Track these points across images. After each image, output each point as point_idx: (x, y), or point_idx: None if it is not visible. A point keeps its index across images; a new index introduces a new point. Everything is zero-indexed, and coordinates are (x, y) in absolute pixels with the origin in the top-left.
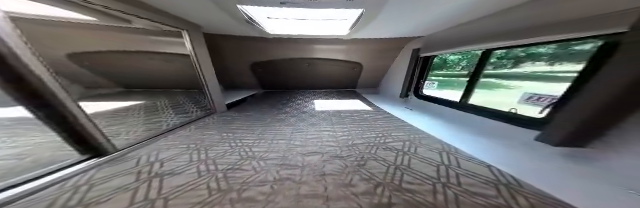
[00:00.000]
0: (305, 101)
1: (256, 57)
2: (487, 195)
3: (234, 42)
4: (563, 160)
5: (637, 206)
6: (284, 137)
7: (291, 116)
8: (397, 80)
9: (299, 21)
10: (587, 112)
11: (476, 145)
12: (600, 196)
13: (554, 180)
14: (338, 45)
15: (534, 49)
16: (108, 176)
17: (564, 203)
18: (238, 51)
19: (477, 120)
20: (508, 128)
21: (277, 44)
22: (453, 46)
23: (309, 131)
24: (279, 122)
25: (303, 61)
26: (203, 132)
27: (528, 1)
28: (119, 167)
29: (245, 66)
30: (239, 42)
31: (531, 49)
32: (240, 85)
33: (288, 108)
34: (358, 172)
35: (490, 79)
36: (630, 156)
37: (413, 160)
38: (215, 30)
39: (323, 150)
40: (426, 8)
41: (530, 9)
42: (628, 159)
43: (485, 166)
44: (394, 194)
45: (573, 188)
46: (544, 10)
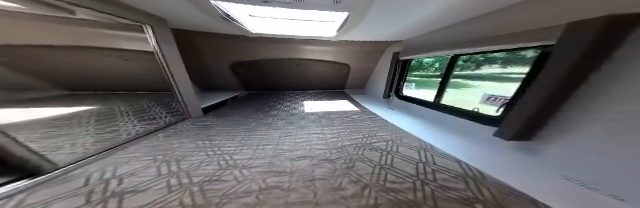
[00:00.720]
0: (295, 103)
1: (237, 56)
2: (458, 189)
3: (213, 39)
4: (515, 152)
5: (567, 189)
6: (271, 142)
7: (279, 119)
8: (380, 81)
9: (287, 21)
10: (529, 110)
11: (448, 142)
12: (541, 182)
13: (508, 171)
14: (327, 46)
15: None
16: (47, 200)
17: (516, 191)
18: (218, 49)
19: (449, 118)
20: (473, 126)
21: (264, 43)
22: (427, 51)
23: (298, 134)
24: (265, 126)
25: (292, 62)
26: (174, 141)
27: (482, 15)
28: (61, 188)
29: (225, 65)
30: (218, 40)
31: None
32: (222, 86)
33: (276, 111)
34: (347, 174)
35: (458, 79)
36: (558, 147)
37: (395, 159)
38: (188, 26)
39: (313, 154)
40: (404, 14)
41: (483, 22)
42: (557, 149)
43: (455, 161)
44: (379, 195)
45: (522, 177)
46: (493, 23)
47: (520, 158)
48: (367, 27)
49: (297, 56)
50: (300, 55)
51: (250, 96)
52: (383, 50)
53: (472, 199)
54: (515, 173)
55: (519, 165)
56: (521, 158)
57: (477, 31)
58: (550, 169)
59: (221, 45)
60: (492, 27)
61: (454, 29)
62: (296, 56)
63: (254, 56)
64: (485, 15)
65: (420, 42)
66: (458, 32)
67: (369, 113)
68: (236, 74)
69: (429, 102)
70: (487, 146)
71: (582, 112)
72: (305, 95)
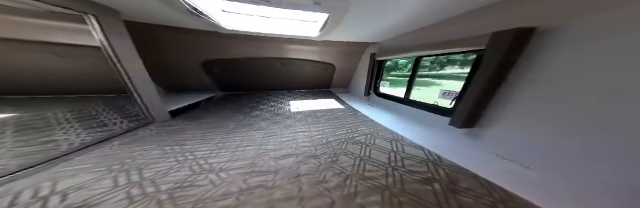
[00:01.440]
0: (281, 103)
1: (210, 54)
2: (421, 171)
3: (179, 35)
4: (464, 138)
5: (497, 164)
6: (254, 143)
7: (263, 119)
8: (362, 80)
9: (267, 19)
10: (471, 102)
11: (415, 132)
12: (480, 160)
13: (459, 153)
14: (312, 46)
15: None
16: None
17: (463, 169)
18: (186, 46)
19: (416, 112)
20: (435, 117)
21: (244, 41)
22: (397, 53)
23: (284, 134)
24: (247, 127)
25: (277, 61)
26: (134, 148)
27: (437, 22)
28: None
29: (195, 64)
30: (186, 35)
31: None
32: (194, 87)
33: (258, 111)
34: (331, 168)
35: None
36: (491, 132)
37: (373, 151)
38: (147, 18)
39: (298, 151)
40: (377, 19)
41: (438, 29)
42: (490, 134)
43: (420, 148)
44: (359, 183)
45: (468, 157)
46: (444, 30)
47: (468, 142)
48: (347, 28)
49: (282, 55)
50: (285, 54)
51: (228, 97)
52: (363, 51)
53: (431, 179)
54: (464, 155)
55: (467, 148)
56: (469, 142)
57: (433, 36)
58: (487, 149)
59: (190, 41)
60: (444, 33)
61: (417, 34)
62: (281, 55)
63: (231, 54)
64: (440, 23)
65: (391, 44)
66: (420, 37)
67: (352, 110)
68: (210, 73)
69: (401, 98)
70: (444, 134)
71: (503, 105)
72: (292, 95)
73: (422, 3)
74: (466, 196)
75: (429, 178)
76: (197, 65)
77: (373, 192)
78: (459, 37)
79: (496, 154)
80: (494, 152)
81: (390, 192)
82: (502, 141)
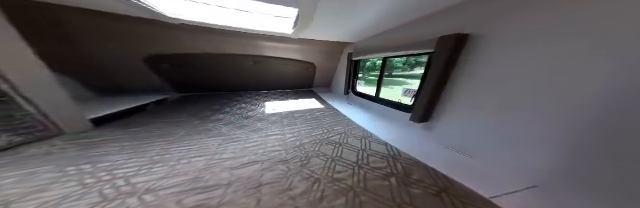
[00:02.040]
0: (253, 104)
1: (156, 47)
2: (382, 167)
3: (105, 21)
4: (421, 132)
5: (445, 154)
6: (205, 152)
7: (225, 124)
8: (342, 80)
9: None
10: (426, 98)
11: (381, 128)
12: (431, 152)
13: (415, 146)
14: (289, 44)
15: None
16: None
17: (416, 160)
18: (119, 36)
19: (384, 109)
20: (399, 113)
21: (202, 35)
22: (369, 53)
23: (250, 139)
24: (201, 134)
25: (247, 58)
26: (7, 174)
27: (398, 26)
28: None
29: (135, 59)
30: (118, 23)
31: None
32: (138, 87)
33: (222, 114)
34: (300, 173)
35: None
36: (440, 125)
37: (344, 150)
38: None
39: (264, 157)
40: (347, 18)
41: (398, 32)
42: (439, 127)
43: (384, 144)
44: (327, 186)
45: (421, 150)
46: (404, 34)
47: (424, 135)
48: (322, 26)
49: (255, 53)
50: (259, 52)
51: (187, 99)
52: (341, 50)
53: (389, 174)
54: (418, 147)
55: (422, 141)
56: (424, 135)
57: (396, 39)
58: (438, 141)
59: (122, 30)
60: (404, 37)
61: (383, 36)
62: (254, 52)
63: (186, 49)
64: (400, 27)
65: (364, 45)
66: (386, 39)
67: (332, 109)
68: (158, 71)
69: (372, 96)
70: (406, 128)
71: (449, 100)
72: (270, 95)
73: (386, 6)
74: (417, 188)
75: (388, 173)
76: (138, 60)
77: (339, 195)
78: (416, 40)
79: (444, 145)
80: (443, 143)
81: (354, 192)
82: (448, 133)
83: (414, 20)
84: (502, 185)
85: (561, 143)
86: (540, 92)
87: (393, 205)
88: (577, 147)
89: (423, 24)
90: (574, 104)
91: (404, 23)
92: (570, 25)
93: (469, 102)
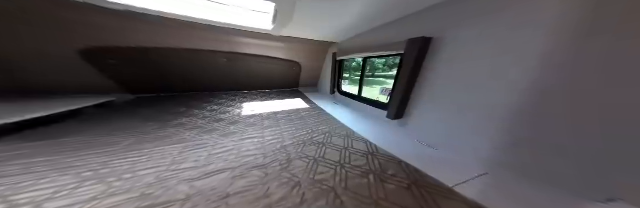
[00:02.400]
0: (227, 105)
1: (97, 38)
2: (361, 165)
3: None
4: (397, 128)
5: (417, 149)
6: (159, 163)
7: (190, 128)
8: (328, 79)
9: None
10: (399, 96)
11: (362, 126)
12: (404, 147)
13: (391, 142)
14: (271, 41)
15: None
16: None
17: (391, 155)
18: (35, 21)
19: (365, 107)
20: (378, 111)
21: (160, 26)
22: (351, 53)
23: (219, 144)
24: (155, 142)
25: (219, 55)
26: None
27: (373, 28)
28: None
29: (64, 51)
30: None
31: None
32: (70, 87)
33: (187, 118)
34: (279, 177)
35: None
36: (412, 121)
37: (327, 150)
38: None
39: (235, 164)
40: (330, 14)
41: (374, 34)
42: (412, 122)
43: (364, 142)
44: (307, 189)
45: (396, 145)
46: (378, 36)
47: (398, 131)
48: (304, 23)
49: (229, 49)
50: (234, 48)
51: (142, 101)
52: (326, 50)
53: (368, 171)
54: (394, 143)
55: (396, 137)
56: (399, 131)
57: (373, 40)
58: (410, 136)
59: (37, 13)
60: (379, 38)
61: (363, 37)
62: (227, 49)
63: (142, 41)
64: (377, 28)
65: (347, 45)
66: (365, 40)
67: (318, 109)
68: (100, 67)
69: (355, 95)
70: (383, 125)
71: (419, 97)
72: (249, 95)
73: (361, 8)
74: (391, 183)
75: (367, 170)
76: (71, 53)
77: (320, 197)
78: (389, 42)
79: (415, 139)
80: (414, 138)
81: (335, 193)
82: (418, 128)
83: (388, 23)
84: (462, 174)
85: (496, 136)
86: (480, 92)
87: (371, 202)
88: (506, 139)
89: (396, 27)
90: (502, 102)
91: (380, 25)
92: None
93: (432, 99)
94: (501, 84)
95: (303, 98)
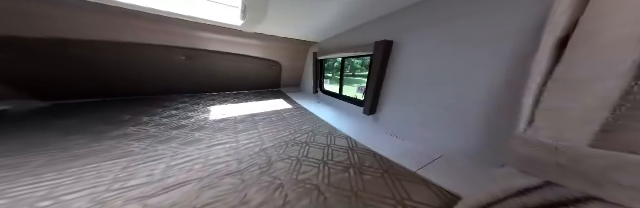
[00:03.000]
0: (190, 110)
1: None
2: (343, 160)
3: None
4: (373, 123)
5: (388, 140)
6: (95, 183)
7: (138, 139)
8: (310, 78)
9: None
10: (371, 93)
11: (344, 123)
12: (378, 140)
13: (367, 137)
14: (245, 38)
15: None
16: None
17: (367, 148)
18: None
19: (346, 104)
20: (356, 108)
21: (88, 13)
22: (330, 53)
23: (179, 154)
24: (88, 157)
25: (175, 51)
26: None
27: (348, 30)
28: None
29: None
30: None
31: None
32: None
33: (134, 127)
34: (258, 181)
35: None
36: (383, 115)
37: (311, 149)
38: None
39: (203, 173)
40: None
41: (349, 35)
42: (383, 117)
43: (345, 138)
44: (291, 190)
45: (372, 139)
46: (352, 38)
47: (373, 126)
48: (280, 22)
49: (188, 45)
50: (193, 44)
51: (59, 109)
52: (307, 49)
53: (349, 165)
54: (369, 137)
55: (371, 131)
56: (373, 126)
57: (348, 41)
58: (383, 130)
59: None
60: (353, 39)
61: (340, 38)
62: (185, 44)
63: (62, 31)
64: (350, 30)
65: (326, 45)
66: (342, 40)
67: (301, 109)
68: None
69: (337, 94)
70: (361, 121)
71: (386, 94)
72: (219, 98)
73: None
74: (368, 174)
75: (348, 165)
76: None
77: (303, 196)
78: (361, 43)
79: (387, 132)
80: (385, 131)
81: (318, 190)
82: (388, 121)
83: (361, 25)
84: (423, 159)
85: (446, 124)
86: (431, 89)
87: (351, 195)
88: (452, 126)
89: (367, 29)
90: (448, 95)
91: (355, 27)
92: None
93: (396, 96)
94: (446, 81)
95: (285, 98)
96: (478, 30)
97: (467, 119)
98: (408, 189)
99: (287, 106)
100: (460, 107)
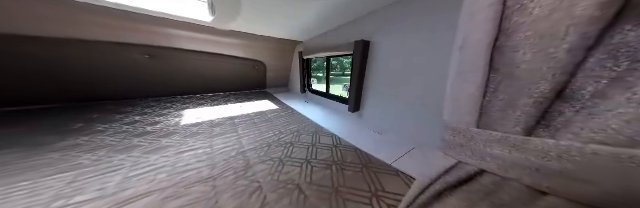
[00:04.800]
0: (157, 115)
1: None
2: (326, 157)
3: None
4: (357, 120)
5: (370, 136)
6: (30, 202)
7: (90, 150)
8: (297, 78)
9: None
10: (354, 91)
11: (330, 121)
12: (361, 136)
13: (351, 133)
14: (221, 37)
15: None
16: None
17: (351, 145)
18: None
19: (333, 103)
20: (342, 106)
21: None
22: (315, 52)
23: (140, 163)
24: (24, 174)
25: (134, 50)
26: None
27: (329, 30)
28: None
29: None
30: None
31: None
32: None
33: (87, 137)
34: (233, 186)
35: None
36: (366, 112)
37: (295, 148)
38: None
39: (167, 183)
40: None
41: (331, 35)
42: (366, 113)
43: (330, 136)
44: (270, 192)
45: (355, 135)
46: (335, 37)
47: (357, 122)
48: (257, 18)
49: (147, 42)
50: (157, 41)
51: (5, 117)
52: (293, 49)
53: (331, 162)
54: (353, 133)
55: (355, 127)
56: (357, 122)
57: (331, 41)
58: (365, 126)
59: None
60: (336, 39)
61: (323, 37)
62: (144, 42)
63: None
64: (332, 30)
65: (311, 45)
66: (325, 40)
67: (288, 109)
68: None
69: (324, 93)
70: (347, 118)
71: (367, 91)
72: (195, 100)
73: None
74: (349, 169)
75: (331, 162)
76: None
77: (284, 196)
78: (343, 43)
79: (369, 128)
80: (367, 127)
81: (300, 189)
82: (369, 117)
83: (342, 25)
84: (398, 151)
85: (416, 118)
86: (403, 86)
87: (332, 191)
88: (421, 119)
89: (347, 29)
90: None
91: (337, 26)
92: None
93: (375, 93)
94: (416, 77)
95: (271, 99)
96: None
97: (433, 111)
98: (383, 181)
99: (273, 107)
100: (427, 100)
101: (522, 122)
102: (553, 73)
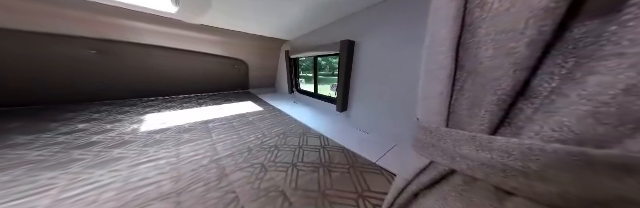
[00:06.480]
0: (108, 121)
1: None
2: (313, 160)
3: None
4: (344, 120)
5: (357, 136)
6: None
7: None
8: (284, 78)
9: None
10: (341, 91)
11: (318, 121)
12: (348, 135)
13: (338, 133)
14: (191, 31)
15: None
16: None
17: (338, 145)
18: None
19: (322, 103)
20: (330, 105)
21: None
22: (302, 51)
23: (77, 181)
24: None
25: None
26: None
27: (315, 29)
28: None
29: None
30: None
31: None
32: None
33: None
34: (202, 201)
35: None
36: (353, 112)
37: (280, 152)
38: None
39: (115, 204)
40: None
41: (318, 35)
42: (353, 113)
43: (318, 137)
44: (249, 202)
45: (342, 135)
46: (321, 37)
47: (345, 122)
48: (233, 12)
49: (93, 35)
50: (107, 34)
51: None
52: (279, 48)
53: (319, 164)
54: (340, 133)
55: (344, 127)
56: (345, 122)
57: (318, 40)
58: (353, 125)
59: None
60: (322, 38)
61: (309, 36)
62: (88, 34)
63: None
64: (318, 29)
65: (297, 44)
66: (311, 39)
67: (273, 110)
68: None
69: (312, 93)
70: (335, 118)
71: (353, 90)
72: (166, 103)
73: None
74: (336, 171)
75: (318, 164)
76: None
77: (265, 205)
78: (329, 42)
79: (356, 127)
80: (356, 126)
81: (284, 196)
82: (356, 117)
83: (327, 25)
84: (382, 150)
85: (397, 115)
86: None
87: (318, 195)
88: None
89: (333, 29)
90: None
91: (321, 26)
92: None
93: (361, 92)
94: (398, 76)
95: (255, 100)
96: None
97: (412, 110)
98: (368, 180)
99: (256, 108)
100: (408, 99)
101: (487, 121)
102: (514, 69)
